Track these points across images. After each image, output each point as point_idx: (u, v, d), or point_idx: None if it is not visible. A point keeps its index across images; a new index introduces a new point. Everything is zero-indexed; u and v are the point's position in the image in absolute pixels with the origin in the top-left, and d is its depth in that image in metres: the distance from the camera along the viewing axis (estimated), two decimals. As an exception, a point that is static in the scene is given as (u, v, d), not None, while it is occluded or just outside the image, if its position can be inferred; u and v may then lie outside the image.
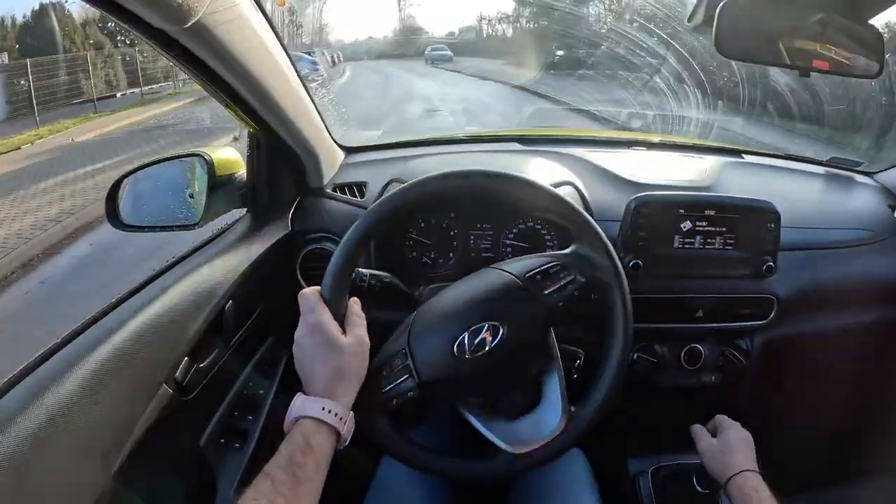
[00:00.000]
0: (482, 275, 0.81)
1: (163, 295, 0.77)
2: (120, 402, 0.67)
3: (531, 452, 0.72)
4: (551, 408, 0.74)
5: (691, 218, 1.04)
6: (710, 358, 1.11)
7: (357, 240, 0.76)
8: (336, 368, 0.68)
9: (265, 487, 0.57)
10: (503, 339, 0.73)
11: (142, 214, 1.07)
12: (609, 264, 0.78)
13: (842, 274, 1.19)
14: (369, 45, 37.02)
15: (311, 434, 0.63)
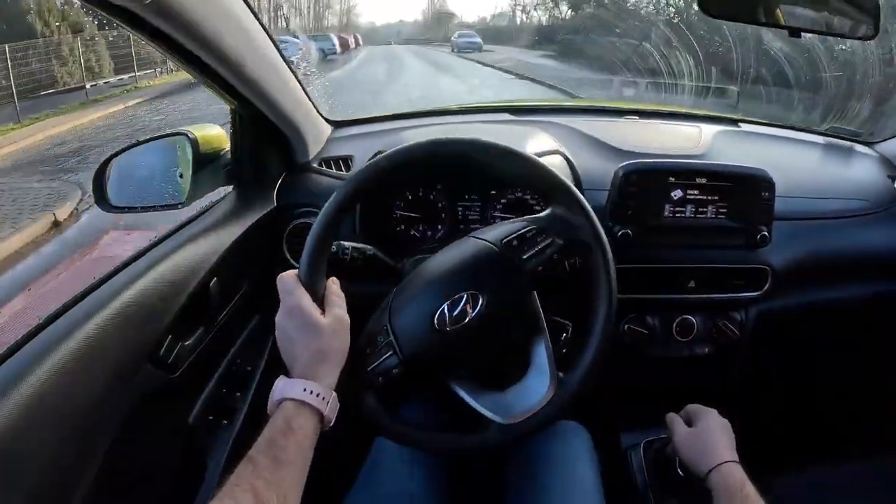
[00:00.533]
0: (459, 245, 0.80)
1: (147, 273, 0.77)
2: (104, 381, 0.67)
3: (521, 422, 0.71)
4: (539, 375, 0.73)
5: (682, 186, 1.02)
6: (702, 329, 1.10)
7: (330, 218, 0.75)
8: (316, 349, 0.68)
9: (246, 472, 0.56)
10: (483, 308, 0.72)
11: (129, 195, 1.07)
12: (587, 224, 0.76)
13: (839, 245, 1.17)
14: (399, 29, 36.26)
15: (293, 416, 0.62)
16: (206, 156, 1.05)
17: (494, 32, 25.48)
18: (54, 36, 11.21)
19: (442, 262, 0.78)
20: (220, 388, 0.98)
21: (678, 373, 1.17)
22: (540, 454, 0.92)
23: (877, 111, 1.82)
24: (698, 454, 0.85)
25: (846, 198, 1.21)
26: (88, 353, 0.65)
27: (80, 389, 0.63)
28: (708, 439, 0.85)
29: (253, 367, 1.04)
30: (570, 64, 14.09)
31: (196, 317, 0.87)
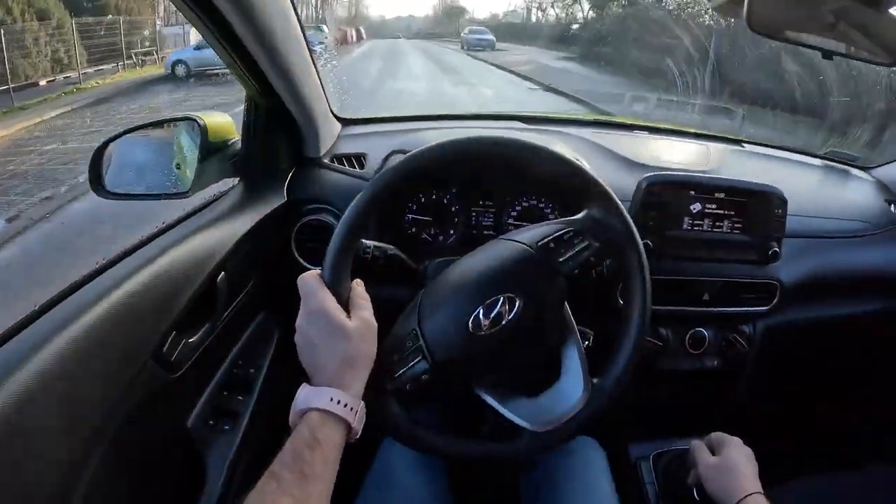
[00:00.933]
0: (492, 246, 0.77)
1: (150, 265, 0.72)
2: (103, 378, 0.62)
3: (555, 429, 0.69)
4: (572, 381, 0.70)
5: (701, 200, 1.02)
6: (713, 342, 1.10)
7: (359, 215, 0.71)
8: (343, 355, 0.63)
9: (270, 488, 0.53)
10: (520, 311, 0.69)
11: (128, 182, 1.02)
12: (623, 227, 0.74)
13: (841, 263, 1.20)
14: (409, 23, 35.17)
15: (318, 427, 0.59)
16: (214, 145, 1.00)
17: (508, 29, 23.74)
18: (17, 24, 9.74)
19: (476, 263, 0.75)
20: (222, 390, 0.93)
21: (687, 385, 1.17)
22: (555, 467, 0.90)
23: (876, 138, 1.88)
24: (724, 486, 0.84)
25: (847, 219, 1.24)
26: (88, 346, 0.60)
27: (78, 385, 0.59)
28: (733, 470, 0.85)
29: (256, 368, 0.99)
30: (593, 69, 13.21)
31: (201, 313, 0.82)
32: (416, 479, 0.86)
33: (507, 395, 0.71)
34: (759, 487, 0.82)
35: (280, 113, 1.01)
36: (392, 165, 0.74)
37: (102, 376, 0.62)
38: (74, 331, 0.59)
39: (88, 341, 0.60)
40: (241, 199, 0.99)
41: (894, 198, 1.34)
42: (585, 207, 0.76)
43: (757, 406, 1.26)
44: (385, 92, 10.57)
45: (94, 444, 0.62)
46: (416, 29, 27.27)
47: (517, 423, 0.68)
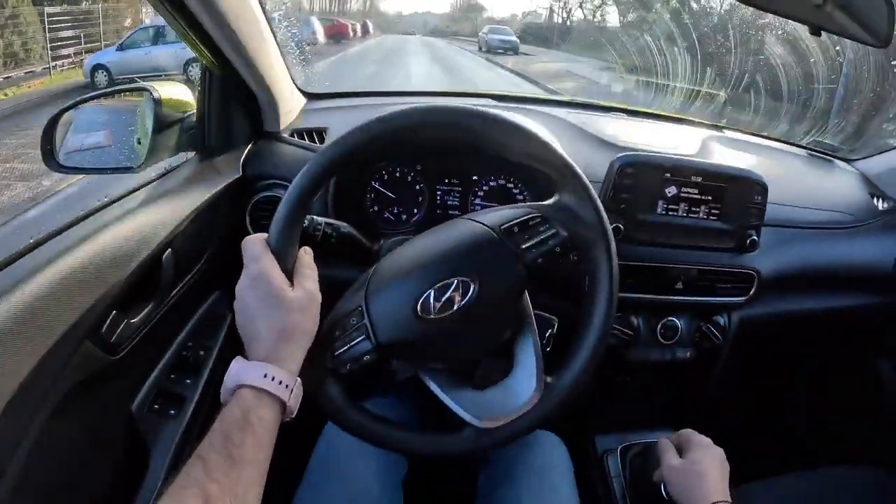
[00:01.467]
0: (451, 225, 0.73)
1: (90, 239, 0.68)
2: (36, 359, 0.57)
3: (500, 427, 0.65)
4: (524, 377, 0.66)
5: (677, 183, 0.99)
6: (686, 333, 1.07)
7: (310, 180, 0.66)
8: (281, 327, 0.59)
9: (196, 472, 0.48)
10: (474, 297, 0.65)
11: (80, 154, 0.98)
12: (595, 218, 0.69)
13: (822, 255, 1.17)
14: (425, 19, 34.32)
15: (251, 407, 0.54)
16: (168, 117, 0.96)
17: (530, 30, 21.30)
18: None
19: (432, 242, 0.71)
20: (169, 374, 0.89)
21: (658, 377, 1.15)
22: (513, 462, 0.87)
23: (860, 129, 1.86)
24: (687, 490, 0.80)
25: (829, 210, 1.22)
26: (19, 325, 0.55)
27: (9, 364, 0.54)
28: (699, 475, 0.81)
29: (206, 350, 0.95)
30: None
31: (146, 291, 0.78)
32: (364, 466, 0.82)
33: (453, 385, 0.67)
34: (725, 495, 0.78)
35: (238, 85, 0.97)
36: (345, 133, 0.68)
37: (35, 356, 0.57)
38: (5, 308, 0.55)
39: (20, 319, 0.56)
40: (194, 173, 0.95)
41: (878, 191, 1.32)
42: (557, 192, 0.71)
43: (730, 400, 1.24)
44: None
45: (29, 426, 0.59)
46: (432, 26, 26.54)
47: (460, 416, 0.64)
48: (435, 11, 29.95)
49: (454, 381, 0.67)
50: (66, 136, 0.98)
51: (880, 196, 1.30)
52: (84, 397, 0.67)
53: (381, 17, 25.96)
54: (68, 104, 0.98)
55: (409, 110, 0.68)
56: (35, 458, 0.60)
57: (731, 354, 1.12)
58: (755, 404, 1.33)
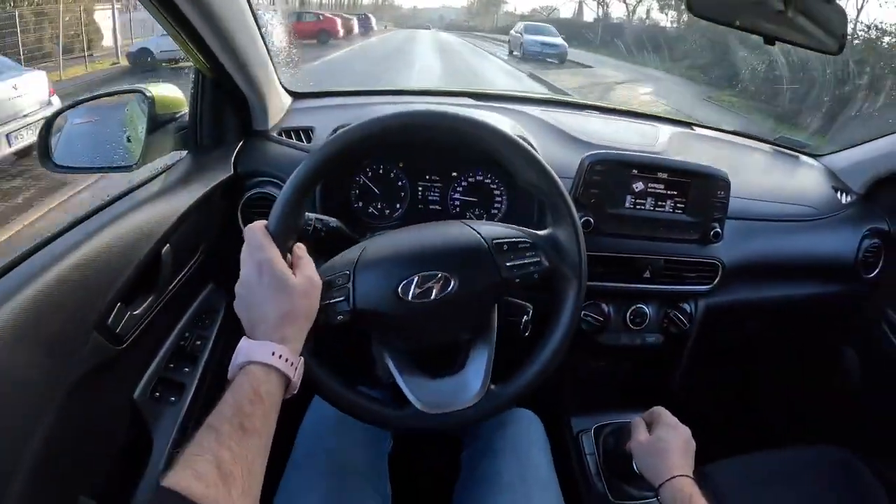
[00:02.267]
0: (449, 225, 0.78)
1: (94, 236, 0.72)
2: (47, 350, 0.62)
3: (436, 415, 0.70)
4: (472, 379, 0.72)
5: (644, 179, 1.04)
6: (654, 319, 1.13)
7: (312, 172, 0.71)
8: (287, 311, 0.63)
9: (209, 441, 0.51)
10: (451, 293, 0.71)
11: (76, 154, 1.01)
12: (577, 259, 0.75)
13: (784, 246, 1.23)
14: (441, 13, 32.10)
15: (261, 381, 0.58)
16: (162, 117, 1.00)
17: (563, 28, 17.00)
18: None
19: (428, 235, 0.76)
20: (168, 363, 0.94)
21: (628, 361, 1.20)
22: (493, 437, 0.92)
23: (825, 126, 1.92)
24: (652, 465, 0.85)
25: (794, 203, 1.27)
26: (31, 319, 0.60)
27: (21, 356, 0.59)
28: (663, 451, 0.85)
29: (203, 340, 1.00)
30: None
31: (146, 285, 0.83)
32: (350, 440, 0.87)
33: (408, 367, 0.73)
34: (687, 469, 0.82)
35: (228, 86, 1.01)
36: (353, 126, 0.74)
37: (46, 347, 0.62)
38: (18, 302, 0.59)
39: (32, 312, 0.60)
40: (188, 171, 0.99)
41: (842, 185, 1.38)
42: (551, 226, 0.77)
43: (699, 383, 1.29)
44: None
45: (40, 415, 0.63)
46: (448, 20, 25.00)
47: (407, 395, 0.70)
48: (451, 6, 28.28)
49: (410, 365, 0.73)
50: (62, 136, 1.02)
51: (844, 190, 1.36)
52: (91, 386, 0.71)
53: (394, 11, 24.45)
54: (63, 106, 1.01)
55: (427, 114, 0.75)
56: (47, 443, 0.64)
57: (697, 339, 1.18)
58: (723, 387, 1.39)
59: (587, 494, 1.08)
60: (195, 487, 0.47)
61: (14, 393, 0.58)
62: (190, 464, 0.49)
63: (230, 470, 0.50)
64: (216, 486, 0.48)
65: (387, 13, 32.42)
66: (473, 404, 0.70)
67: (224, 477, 0.49)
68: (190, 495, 0.46)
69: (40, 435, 0.63)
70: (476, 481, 0.87)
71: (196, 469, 0.48)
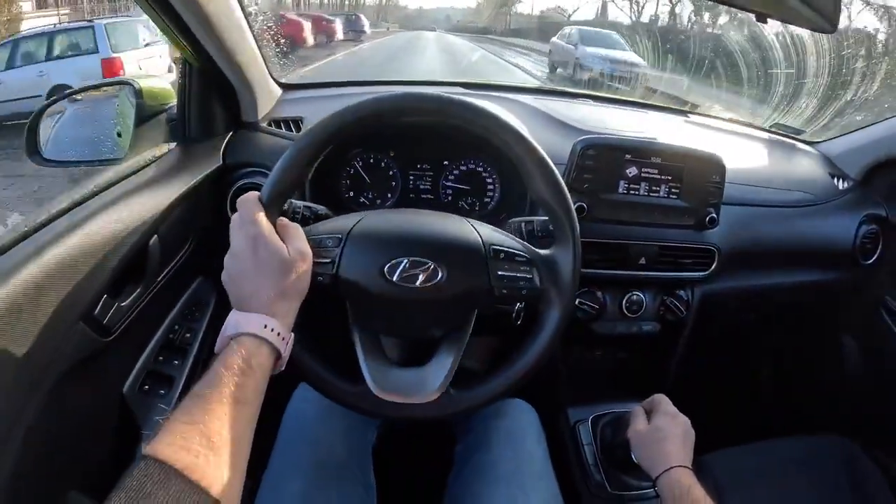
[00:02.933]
0: (452, 219, 0.77)
1: (80, 227, 0.71)
2: (32, 342, 0.61)
3: (387, 402, 0.70)
4: (431, 377, 0.71)
5: (637, 164, 1.03)
6: (650, 306, 1.12)
7: (311, 145, 0.70)
8: (281, 286, 0.62)
9: (197, 410, 0.50)
10: (435, 286, 0.69)
11: (64, 148, 1.01)
12: (569, 285, 0.74)
13: (781, 233, 1.22)
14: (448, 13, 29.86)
15: (253, 353, 0.57)
16: (151, 109, 1.00)
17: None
18: None
19: (429, 223, 0.75)
20: (157, 355, 0.93)
21: (625, 350, 1.19)
22: (488, 428, 0.91)
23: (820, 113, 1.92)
24: (650, 456, 0.84)
25: (791, 189, 1.27)
26: (17, 308, 0.59)
27: (7, 347, 0.58)
28: (661, 441, 0.84)
29: (192, 333, 0.99)
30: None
31: (134, 276, 0.82)
32: (333, 428, 0.86)
33: (373, 348, 0.72)
34: (685, 460, 0.81)
35: (216, 76, 1.00)
36: (361, 102, 0.72)
37: (30, 339, 0.61)
38: (3, 293, 0.58)
39: (16, 303, 0.59)
40: (177, 162, 0.98)
41: (838, 171, 1.37)
42: (554, 246, 0.76)
43: (696, 371, 1.28)
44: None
45: (27, 405, 0.62)
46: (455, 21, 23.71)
47: (364, 374, 0.70)
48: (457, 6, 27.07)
49: (376, 348, 0.73)
50: (50, 130, 1.01)
51: (841, 176, 1.35)
52: (78, 378, 0.70)
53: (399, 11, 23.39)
54: (51, 100, 1.01)
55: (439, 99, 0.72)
56: (32, 436, 0.63)
57: (694, 327, 1.17)
58: (721, 376, 1.39)
59: (585, 485, 1.07)
60: (182, 457, 0.46)
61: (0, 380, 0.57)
62: (177, 432, 0.48)
63: (219, 440, 0.49)
64: (205, 456, 0.47)
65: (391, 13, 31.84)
66: (426, 402, 0.70)
67: (213, 447, 0.48)
68: (175, 464, 0.45)
69: (25, 427, 0.62)
70: (471, 473, 0.86)
71: (183, 437, 0.47)
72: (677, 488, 0.76)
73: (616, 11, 17.18)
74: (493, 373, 0.74)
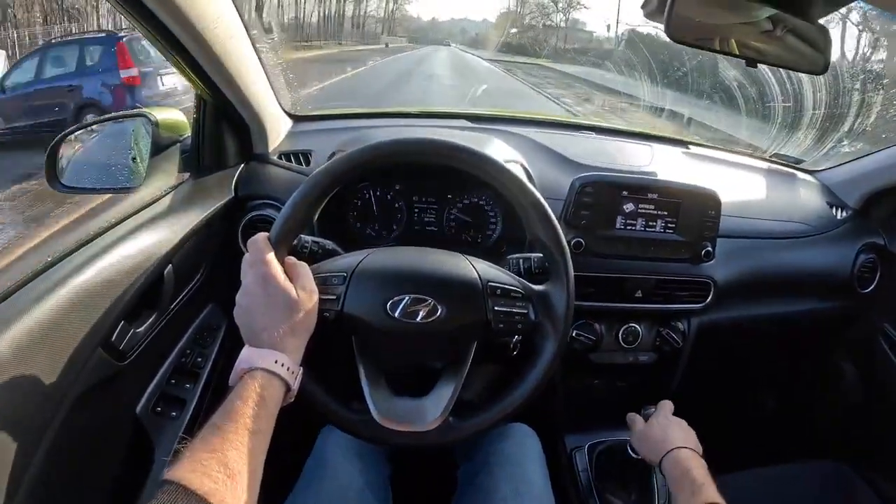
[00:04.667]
0: (451, 256, 0.80)
1: (100, 257, 0.75)
2: (54, 366, 0.65)
3: (388, 430, 0.73)
4: (432, 406, 0.74)
5: (634, 200, 1.06)
6: (647, 337, 1.14)
7: (316, 187, 0.74)
8: (289, 324, 0.66)
9: (216, 440, 0.54)
10: (435, 321, 0.73)
11: (82, 176, 1.04)
12: (562, 320, 0.77)
13: (778, 264, 1.24)
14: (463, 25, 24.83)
15: (265, 386, 0.61)
16: (166, 140, 1.03)
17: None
18: None
19: (430, 261, 0.78)
20: (170, 379, 0.96)
21: (622, 379, 1.21)
22: (489, 452, 0.94)
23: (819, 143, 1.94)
24: (651, 446, 0.89)
25: (788, 220, 1.29)
26: (41, 333, 0.63)
27: (31, 370, 0.62)
28: (664, 429, 0.89)
29: (203, 357, 1.02)
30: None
31: (149, 303, 0.86)
32: (353, 465, 0.89)
33: (377, 378, 0.76)
34: (686, 442, 0.85)
35: (229, 110, 1.04)
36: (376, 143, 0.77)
37: (54, 362, 0.65)
38: (29, 319, 0.62)
39: (41, 329, 0.63)
40: (190, 194, 1.02)
41: (837, 200, 1.38)
42: (548, 282, 0.79)
43: (694, 399, 1.30)
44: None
45: (47, 427, 0.66)
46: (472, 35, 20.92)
47: (367, 402, 0.73)
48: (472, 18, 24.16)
49: (379, 378, 0.76)
50: (71, 158, 1.05)
51: (839, 205, 1.37)
52: (95, 400, 0.74)
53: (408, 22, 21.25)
54: (70, 129, 1.05)
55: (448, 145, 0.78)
56: (54, 451, 0.67)
57: (691, 357, 1.19)
58: (719, 404, 1.40)
59: None
60: (204, 483, 0.49)
61: (22, 405, 0.61)
62: (198, 459, 0.51)
63: (237, 467, 0.52)
64: (224, 482, 0.50)
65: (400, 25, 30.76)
66: (426, 430, 0.73)
67: (231, 474, 0.51)
68: (198, 489, 0.48)
69: (49, 442, 0.66)
70: (472, 496, 0.89)
71: (204, 465, 0.50)
72: (677, 469, 0.81)
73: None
74: (491, 402, 0.77)
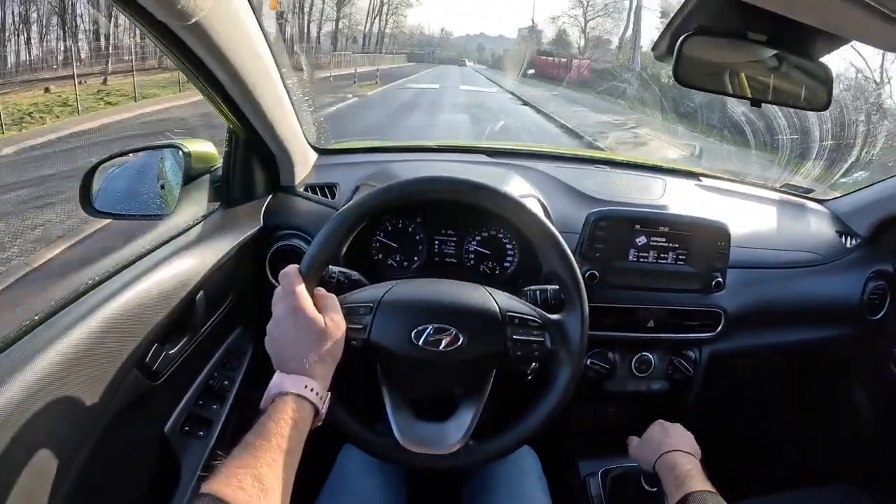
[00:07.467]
0: (472, 288, 0.84)
1: (134, 283, 0.79)
2: (91, 384, 0.69)
3: (410, 453, 0.77)
4: (453, 430, 0.78)
5: (646, 233, 1.09)
6: (659, 366, 1.17)
7: (344, 223, 0.79)
8: (318, 352, 0.70)
9: (249, 457, 0.58)
10: (457, 351, 0.77)
11: (114, 202, 1.08)
12: (577, 347, 0.81)
13: (788, 293, 1.27)
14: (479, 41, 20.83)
15: (296, 409, 0.65)
16: (196, 170, 1.08)
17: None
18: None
19: (453, 292, 0.82)
20: (198, 399, 1.00)
21: (635, 406, 1.23)
22: (491, 473, 0.97)
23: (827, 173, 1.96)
24: (647, 451, 0.92)
25: (798, 250, 1.31)
26: (80, 354, 0.67)
27: (70, 390, 0.65)
28: (659, 435, 0.92)
29: (230, 380, 1.06)
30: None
31: (181, 327, 0.90)
32: (372, 482, 0.93)
33: (401, 403, 0.80)
34: (681, 446, 0.87)
35: (258, 144, 1.09)
36: (405, 181, 0.83)
37: (91, 382, 0.69)
38: (68, 340, 0.66)
39: (80, 350, 0.67)
40: (220, 223, 1.06)
41: (845, 229, 1.41)
42: (564, 311, 0.83)
43: (706, 426, 1.31)
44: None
45: (81, 444, 0.70)
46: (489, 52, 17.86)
47: (392, 426, 0.77)
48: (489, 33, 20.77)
49: (403, 403, 0.81)
50: (103, 184, 1.09)
51: (849, 234, 1.39)
52: (128, 419, 0.78)
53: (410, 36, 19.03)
54: (105, 157, 1.09)
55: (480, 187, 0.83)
56: (88, 466, 0.71)
57: (702, 385, 1.21)
58: (731, 431, 1.41)
59: None
60: (238, 495, 0.53)
61: (60, 424, 0.65)
62: (233, 474, 0.55)
63: (269, 484, 0.56)
64: (257, 496, 0.54)
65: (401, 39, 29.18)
66: (448, 454, 0.77)
67: (264, 488, 0.55)
68: (233, 502, 0.52)
69: (83, 457, 0.70)
70: None
71: (238, 479, 0.54)
72: (666, 468, 0.84)
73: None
74: (508, 427, 0.81)
